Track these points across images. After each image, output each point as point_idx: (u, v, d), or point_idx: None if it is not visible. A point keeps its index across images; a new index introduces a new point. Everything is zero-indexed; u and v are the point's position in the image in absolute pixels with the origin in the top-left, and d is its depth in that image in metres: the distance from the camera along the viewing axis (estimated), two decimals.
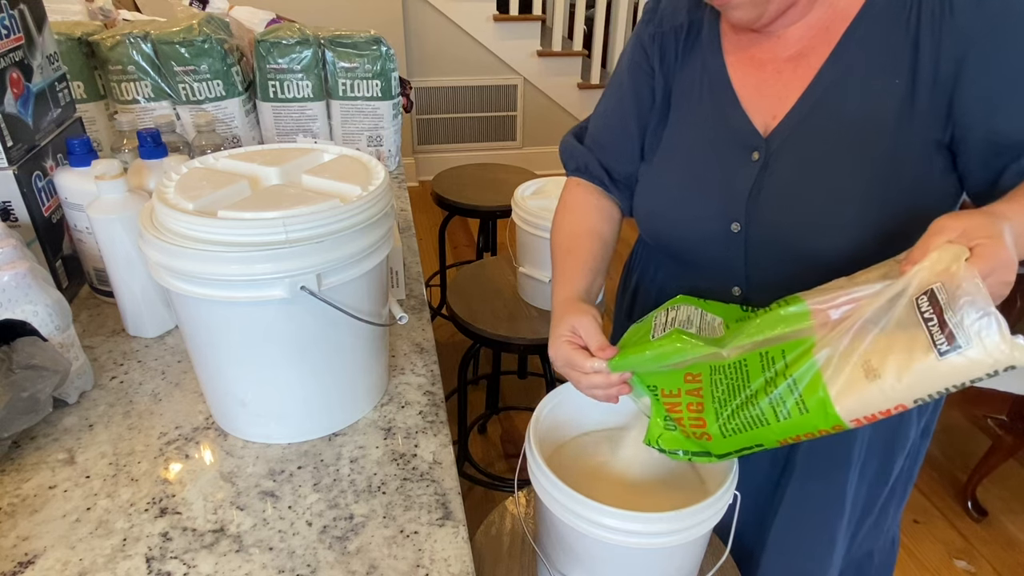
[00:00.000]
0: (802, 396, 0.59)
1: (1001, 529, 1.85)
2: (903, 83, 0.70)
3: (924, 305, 0.53)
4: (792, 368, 0.59)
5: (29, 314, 0.73)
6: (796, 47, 0.75)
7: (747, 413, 0.63)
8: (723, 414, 0.65)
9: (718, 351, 0.64)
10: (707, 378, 0.67)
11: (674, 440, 0.70)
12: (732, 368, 0.65)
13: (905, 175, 0.71)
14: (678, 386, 0.69)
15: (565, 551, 0.72)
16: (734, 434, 0.64)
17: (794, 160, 0.74)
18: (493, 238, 2.20)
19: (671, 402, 0.69)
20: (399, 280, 1.05)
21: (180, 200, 0.67)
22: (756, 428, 0.62)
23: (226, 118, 1.32)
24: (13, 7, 0.90)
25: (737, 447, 0.65)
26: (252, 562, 0.61)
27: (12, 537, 0.62)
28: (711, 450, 0.67)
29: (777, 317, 0.62)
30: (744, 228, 0.77)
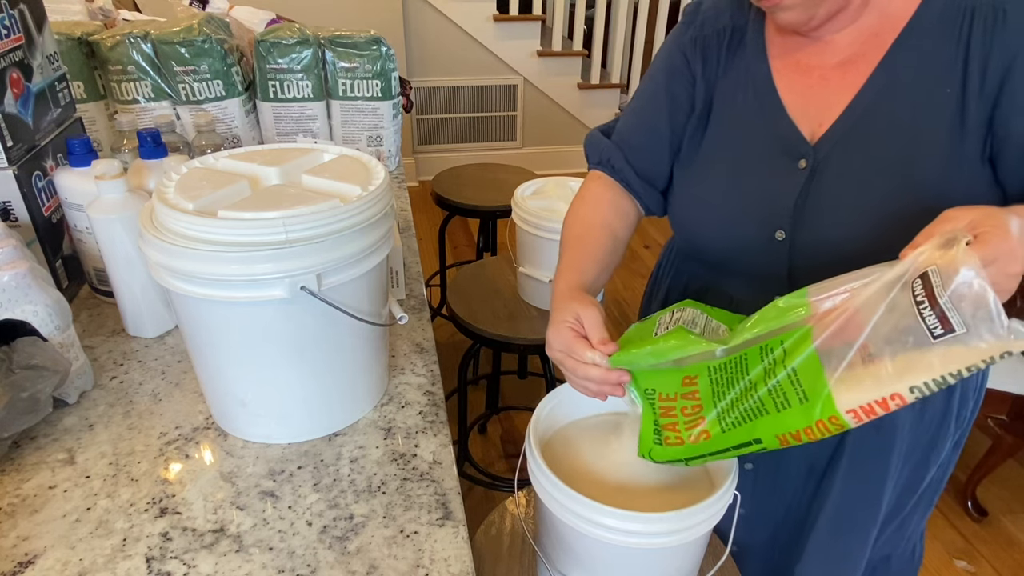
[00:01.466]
0: (800, 383, 0.58)
1: (1001, 529, 1.85)
2: (954, 94, 0.68)
3: (918, 288, 0.52)
4: (791, 357, 0.59)
5: (29, 314, 0.73)
6: (844, 53, 0.73)
7: (746, 404, 0.62)
8: (721, 405, 0.64)
9: (717, 348, 0.64)
10: (704, 379, 0.67)
11: (665, 453, 0.69)
12: (731, 363, 0.64)
13: (956, 186, 0.70)
14: (675, 390, 0.68)
15: (565, 551, 0.72)
16: (733, 427, 0.63)
17: (843, 168, 0.73)
18: (493, 238, 2.20)
19: (666, 406, 0.69)
20: (399, 280, 1.05)
21: (180, 200, 0.67)
22: (755, 419, 0.61)
23: (226, 118, 1.32)
24: (13, 7, 0.90)
25: (735, 442, 0.64)
26: (252, 562, 0.61)
27: (12, 537, 0.62)
28: (708, 450, 0.66)
29: (776, 310, 0.62)
30: (789, 236, 0.76)
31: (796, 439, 0.60)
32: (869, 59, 0.72)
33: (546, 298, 1.47)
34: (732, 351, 0.64)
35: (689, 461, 0.68)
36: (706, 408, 0.66)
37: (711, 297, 0.89)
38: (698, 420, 0.66)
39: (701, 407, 0.66)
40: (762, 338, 0.62)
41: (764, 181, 0.77)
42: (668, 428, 0.68)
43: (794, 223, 0.75)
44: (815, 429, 0.59)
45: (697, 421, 0.66)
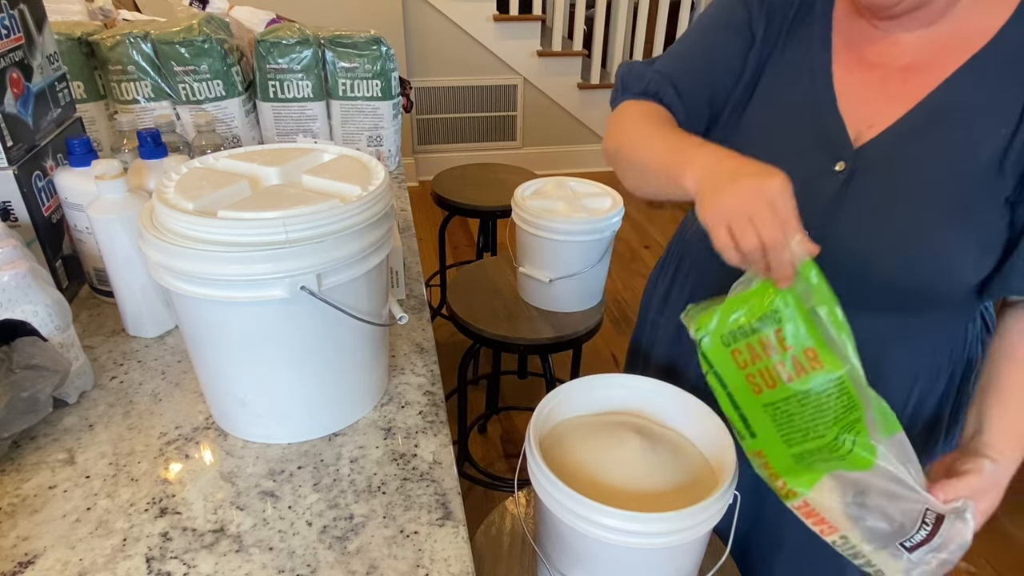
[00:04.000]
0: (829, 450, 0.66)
1: (1001, 529, 1.85)
2: (1007, 133, 0.67)
3: (929, 517, 0.65)
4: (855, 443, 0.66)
5: (29, 314, 0.73)
6: (909, 58, 0.71)
7: (802, 414, 0.66)
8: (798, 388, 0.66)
9: (845, 367, 0.65)
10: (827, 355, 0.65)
11: (723, 360, 0.66)
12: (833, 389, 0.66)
13: (980, 222, 0.69)
14: (807, 335, 0.63)
15: (565, 551, 0.72)
16: (783, 423, 0.66)
17: (882, 180, 0.71)
18: (493, 238, 2.20)
19: (778, 339, 0.64)
20: (399, 280, 1.05)
21: (180, 200, 0.67)
22: (787, 427, 0.66)
23: (226, 118, 1.32)
24: (13, 7, 0.90)
25: (765, 416, 0.67)
26: (252, 562, 0.61)
27: (12, 537, 0.62)
28: (750, 418, 0.67)
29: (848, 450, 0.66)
30: (812, 238, 0.74)
31: (765, 469, 0.69)
32: (935, 72, 0.69)
33: (546, 298, 1.47)
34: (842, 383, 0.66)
35: (727, 406, 0.70)
36: (783, 382, 0.66)
37: (715, 285, 0.87)
38: (773, 380, 0.66)
39: (783, 374, 0.66)
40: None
41: (798, 177, 0.74)
42: (752, 354, 0.66)
43: (822, 227, 0.73)
44: (776, 476, 0.68)
45: (772, 381, 0.66)
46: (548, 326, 1.43)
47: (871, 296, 0.75)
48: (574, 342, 1.44)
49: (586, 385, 0.83)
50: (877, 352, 0.79)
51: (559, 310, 1.47)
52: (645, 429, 0.81)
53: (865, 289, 0.75)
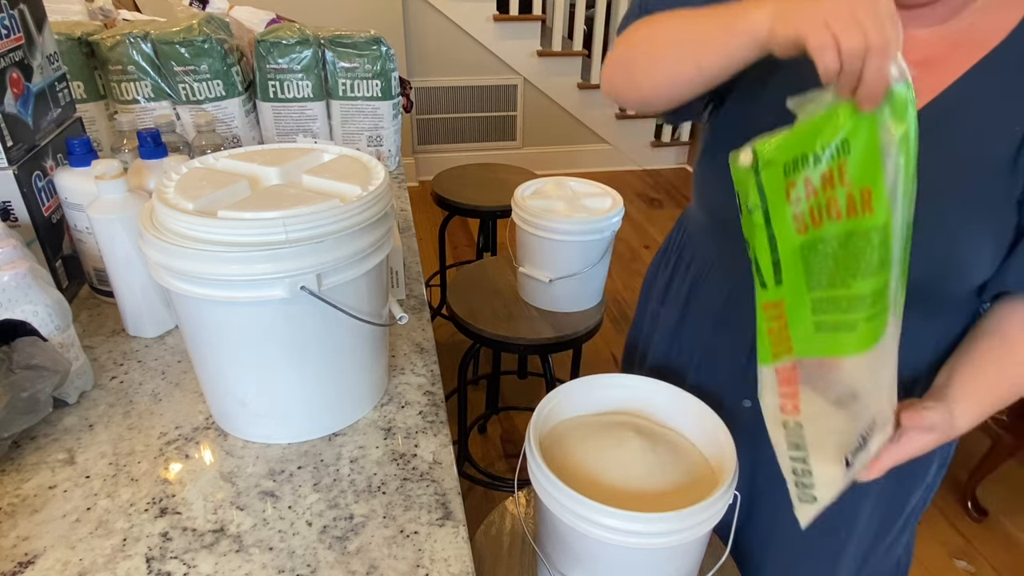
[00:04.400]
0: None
1: (1001, 529, 1.85)
2: (1020, 132, 0.67)
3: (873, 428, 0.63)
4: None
5: (29, 314, 0.73)
6: (922, 54, 0.70)
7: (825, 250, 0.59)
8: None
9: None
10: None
11: (777, 193, 0.58)
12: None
13: (988, 221, 0.69)
14: (869, 173, 0.56)
15: (565, 551, 0.72)
16: (813, 265, 0.60)
17: None
18: (493, 238, 2.20)
19: (840, 172, 0.56)
20: (399, 280, 1.05)
21: (180, 200, 0.67)
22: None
23: (226, 118, 1.32)
24: (13, 7, 0.90)
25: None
26: (252, 562, 0.61)
27: (12, 537, 0.62)
28: (783, 261, 0.61)
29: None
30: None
31: (778, 321, 0.64)
32: (948, 69, 0.69)
33: (546, 298, 1.47)
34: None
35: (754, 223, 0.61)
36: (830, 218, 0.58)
37: (715, 277, 0.87)
38: (822, 218, 0.59)
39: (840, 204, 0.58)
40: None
41: None
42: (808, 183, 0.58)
43: None
44: (784, 328, 0.63)
45: (823, 218, 0.59)
46: (548, 326, 1.43)
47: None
48: (574, 342, 1.44)
49: (586, 385, 0.83)
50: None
51: (559, 310, 1.47)
52: (645, 429, 0.81)
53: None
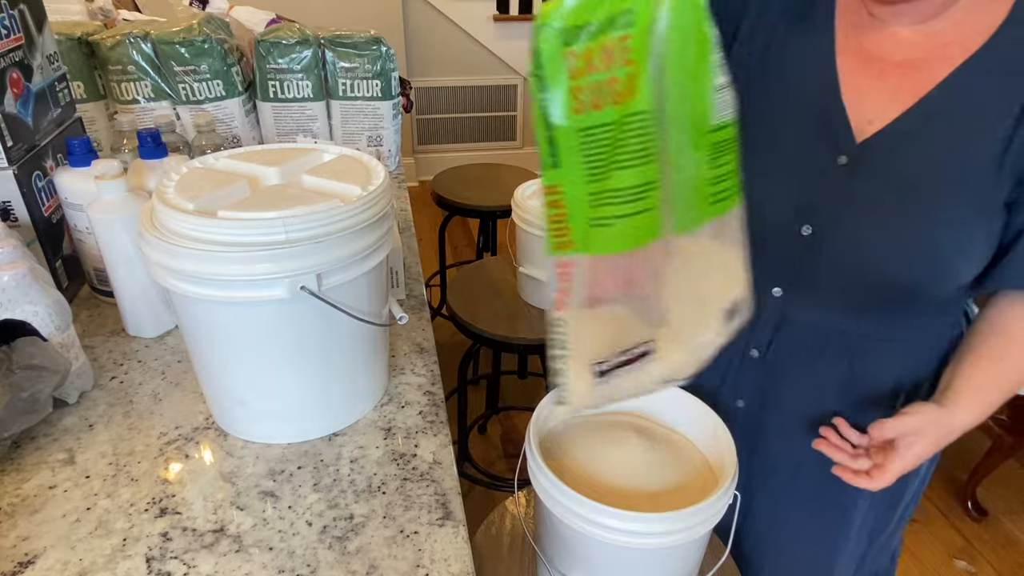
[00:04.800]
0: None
1: (1001, 529, 1.85)
2: (1005, 134, 0.67)
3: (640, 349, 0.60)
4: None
5: (29, 314, 0.73)
6: (906, 53, 0.71)
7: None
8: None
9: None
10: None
11: (555, 62, 0.52)
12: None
13: (978, 222, 0.70)
14: (641, 52, 0.51)
15: (565, 551, 0.72)
16: (592, 153, 0.54)
17: (886, 177, 0.71)
18: (493, 238, 2.20)
19: (622, 47, 0.52)
20: (399, 280, 1.05)
21: (180, 200, 0.67)
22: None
23: (226, 118, 1.32)
24: (13, 7, 0.90)
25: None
26: (252, 562, 0.61)
27: (12, 537, 0.62)
28: (560, 142, 0.54)
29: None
30: (815, 232, 0.74)
31: (557, 208, 0.57)
32: (934, 68, 0.69)
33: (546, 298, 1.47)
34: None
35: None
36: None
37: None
38: (602, 101, 0.53)
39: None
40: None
41: (804, 171, 0.74)
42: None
43: (824, 222, 0.73)
44: (564, 217, 0.57)
45: (602, 101, 0.53)
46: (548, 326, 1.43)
47: (865, 298, 0.76)
48: None
49: None
50: (865, 356, 0.79)
51: None
52: (645, 429, 0.81)
53: (860, 290, 0.75)
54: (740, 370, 0.85)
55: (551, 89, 0.53)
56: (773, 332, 0.81)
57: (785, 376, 0.82)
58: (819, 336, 0.80)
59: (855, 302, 0.76)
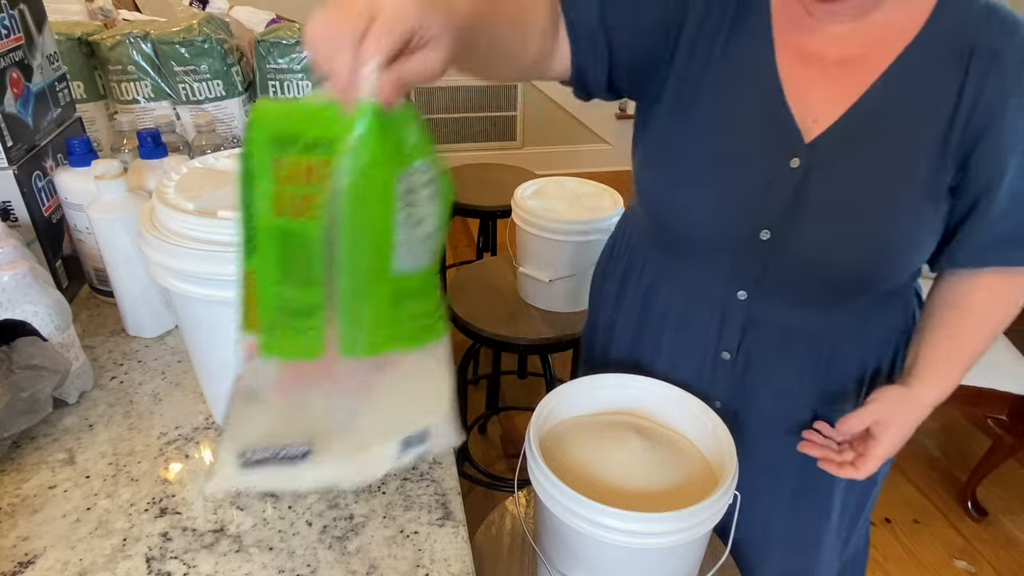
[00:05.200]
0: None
1: (1001, 529, 1.85)
2: (945, 121, 0.69)
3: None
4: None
5: (29, 314, 0.73)
6: (844, 50, 0.72)
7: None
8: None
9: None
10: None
11: (264, 160, 0.51)
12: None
13: (927, 209, 0.72)
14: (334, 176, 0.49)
15: (565, 551, 0.72)
16: (285, 255, 0.54)
17: (837, 175, 0.72)
18: (493, 238, 2.20)
19: (321, 173, 0.50)
20: None
21: (180, 200, 0.67)
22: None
23: (226, 118, 1.32)
24: (13, 7, 0.90)
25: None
26: (252, 562, 0.61)
27: (12, 537, 0.62)
28: (260, 228, 0.54)
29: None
30: (773, 237, 0.75)
31: (246, 291, 0.56)
32: (872, 64, 0.71)
33: (547, 298, 1.47)
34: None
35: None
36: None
37: (664, 292, 0.87)
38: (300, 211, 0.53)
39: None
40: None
41: (756, 177, 0.75)
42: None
43: (782, 225, 0.74)
44: (252, 307, 0.56)
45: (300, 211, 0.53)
46: (548, 326, 1.43)
47: (828, 294, 0.78)
48: (574, 342, 1.44)
49: (586, 385, 0.83)
50: (832, 349, 0.81)
51: (559, 310, 1.47)
52: (645, 429, 0.81)
53: (822, 287, 0.77)
54: (714, 373, 0.86)
55: (257, 185, 0.53)
56: (742, 334, 0.83)
57: (758, 375, 0.83)
58: (787, 334, 0.81)
59: (819, 299, 0.78)
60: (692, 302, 0.85)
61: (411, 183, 0.52)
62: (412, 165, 0.51)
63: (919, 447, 2.10)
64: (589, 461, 0.76)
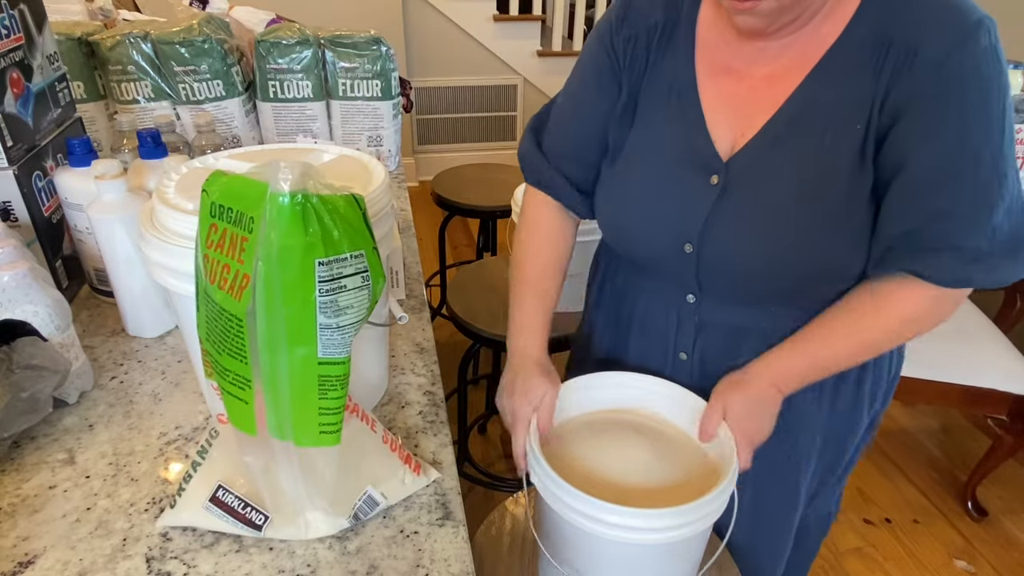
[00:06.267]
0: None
1: (1001, 529, 1.85)
2: (862, 126, 0.68)
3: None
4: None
5: (29, 314, 0.73)
6: (772, 65, 0.72)
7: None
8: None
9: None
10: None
11: (205, 219, 0.54)
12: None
13: (852, 217, 0.71)
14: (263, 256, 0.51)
15: (567, 548, 0.72)
16: (213, 326, 0.56)
17: (754, 188, 0.73)
18: (493, 238, 2.20)
19: (242, 246, 0.52)
20: (399, 280, 1.05)
21: (180, 200, 0.67)
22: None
23: (226, 118, 1.32)
24: (13, 7, 0.90)
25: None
26: (252, 562, 0.61)
27: (12, 537, 0.62)
28: (201, 288, 0.56)
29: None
30: (696, 250, 0.77)
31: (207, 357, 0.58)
32: (793, 77, 0.71)
33: None
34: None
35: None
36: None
37: (630, 295, 0.91)
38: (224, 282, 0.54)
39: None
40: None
41: (678, 194, 0.77)
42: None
43: (702, 238, 0.76)
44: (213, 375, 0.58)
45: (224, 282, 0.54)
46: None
47: (764, 296, 0.79)
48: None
49: (587, 383, 0.83)
50: (781, 340, 0.81)
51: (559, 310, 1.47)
52: (645, 426, 0.81)
53: (757, 293, 0.78)
54: (673, 372, 0.88)
55: (197, 243, 0.55)
56: (695, 335, 0.85)
57: (714, 374, 0.83)
58: (737, 334, 0.82)
59: (760, 301, 0.79)
60: (651, 306, 0.88)
61: (335, 271, 0.53)
62: (340, 254, 0.52)
63: (919, 447, 2.11)
64: (590, 458, 0.76)
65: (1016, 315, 2.00)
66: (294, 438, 0.57)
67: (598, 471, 0.75)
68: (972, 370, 1.70)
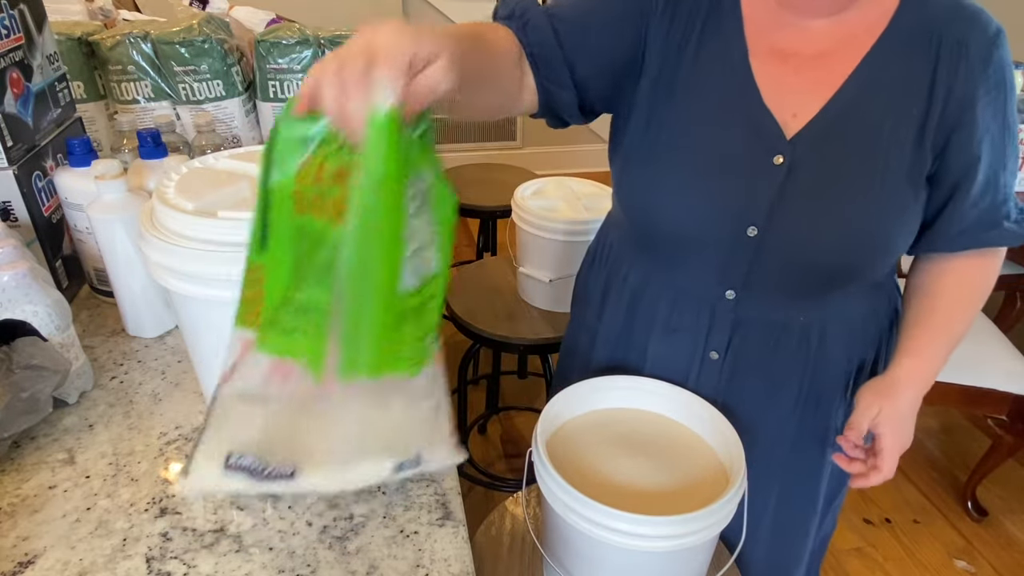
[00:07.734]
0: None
1: (1001, 529, 1.85)
2: (920, 111, 0.71)
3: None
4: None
5: (29, 314, 0.73)
6: (819, 45, 0.73)
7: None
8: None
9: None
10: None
11: (290, 151, 0.51)
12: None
13: (909, 200, 0.73)
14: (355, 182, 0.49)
15: (570, 553, 0.72)
16: (301, 253, 0.54)
17: (820, 169, 0.73)
18: (493, 238, 2.20)
19: (339, 172, 0.50)
20: None
21: (180, 200, 0.67)
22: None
23: (226, 118, 1.32)
24: (13, 7, 0.90)
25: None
26: (252, 562, 0.61)
27: (12, 537, 0.62)
28: (273, 224, 0.54)
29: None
30: (761, 234, 0.75)
31: (254, 286, 0.56)
32: (846, 58, 0.72)
33: (546, 298, 1.47)
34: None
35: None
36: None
37: (649, 296, 0.87)
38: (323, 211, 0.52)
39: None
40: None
41: (741, 176, 0.75)
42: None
43: (769, 221, 0.74)
44: (258, 302, 0.56)
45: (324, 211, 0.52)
46: (548, 326, 1.43)
47: (815, 288, 0.79)
48: None
49: (593, 386, 0.82)
50: (819, 344, 0.82)
51: (559, 310, 1.47)
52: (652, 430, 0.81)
53: (810, 281, 0.78)
54: (701, 372, 0.86)
55: (281, 177, 0.52)
56: (731, 333, 0.83)
57: (746, 373, 0.83)
58: (774, 331, 0.81)
59: (806, 292, 0.79)
60: (679, 305, 0.85)
61: (412, 192, 0.51)
62: (417, 174, 0.51)
63: (919, 447, 2.11)
64: (596, 462, 0.76)
65: (1016, 315, 2.00)
66: (370, 370, 0.54)
67: (605, 475, 0.74)
68: (972, 370, 1.70)
